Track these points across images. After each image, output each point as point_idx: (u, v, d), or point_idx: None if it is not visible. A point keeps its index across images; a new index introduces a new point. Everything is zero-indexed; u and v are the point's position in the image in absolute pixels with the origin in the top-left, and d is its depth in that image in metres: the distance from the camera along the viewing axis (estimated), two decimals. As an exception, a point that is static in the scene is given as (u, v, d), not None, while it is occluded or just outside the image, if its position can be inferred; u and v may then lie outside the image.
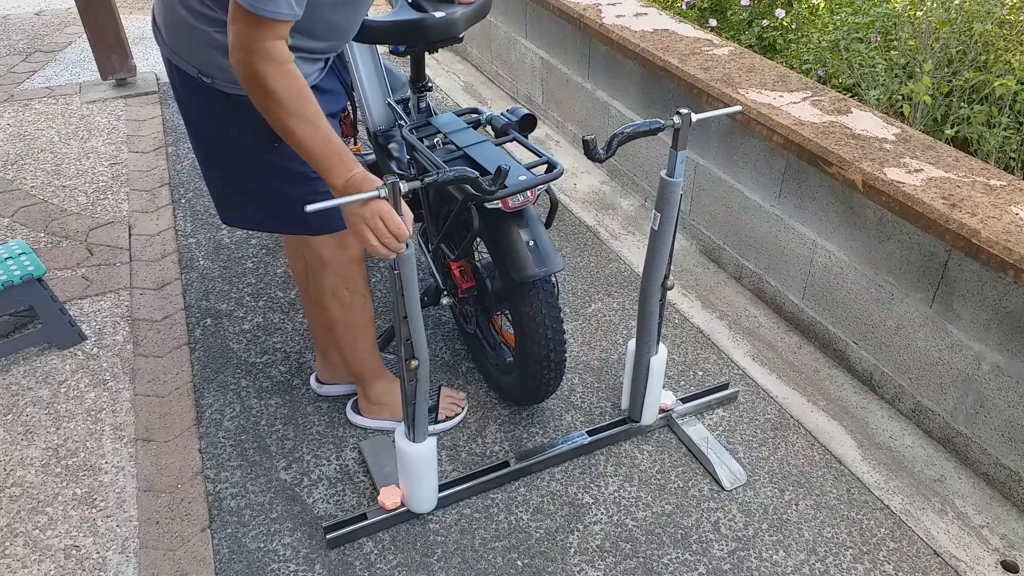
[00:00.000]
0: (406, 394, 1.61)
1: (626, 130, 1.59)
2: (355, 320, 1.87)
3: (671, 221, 1.70)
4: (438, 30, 1.90)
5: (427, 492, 1.78)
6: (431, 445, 1.71)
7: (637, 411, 2.00)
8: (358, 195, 1.32)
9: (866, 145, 2.10)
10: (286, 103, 1.32)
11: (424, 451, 1.70)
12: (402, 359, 1.56)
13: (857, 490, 1.92)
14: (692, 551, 1.77)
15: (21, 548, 1.76)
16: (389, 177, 1.34)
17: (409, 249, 1.42)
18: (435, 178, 1.42)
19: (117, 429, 2.06)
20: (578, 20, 3.10)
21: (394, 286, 1.47)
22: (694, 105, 2.57)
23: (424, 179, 1.40)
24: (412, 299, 1.48)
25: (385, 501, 1.79)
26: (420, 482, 1.75)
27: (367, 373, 1.99)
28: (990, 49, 2.63)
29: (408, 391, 1.60)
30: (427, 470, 1.74)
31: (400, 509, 1.80)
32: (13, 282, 2.18)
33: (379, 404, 2.03)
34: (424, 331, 1.55)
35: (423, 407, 1.64)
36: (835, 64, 2.92)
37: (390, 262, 1.44)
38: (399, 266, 1.43)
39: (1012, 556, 1.76)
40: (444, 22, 1.89)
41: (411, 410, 1.63)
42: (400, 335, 1.53)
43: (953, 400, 1.96)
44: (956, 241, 1.79)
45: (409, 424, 1.66)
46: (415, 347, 1.55)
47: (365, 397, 2.03)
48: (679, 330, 2.43)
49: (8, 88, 4.01)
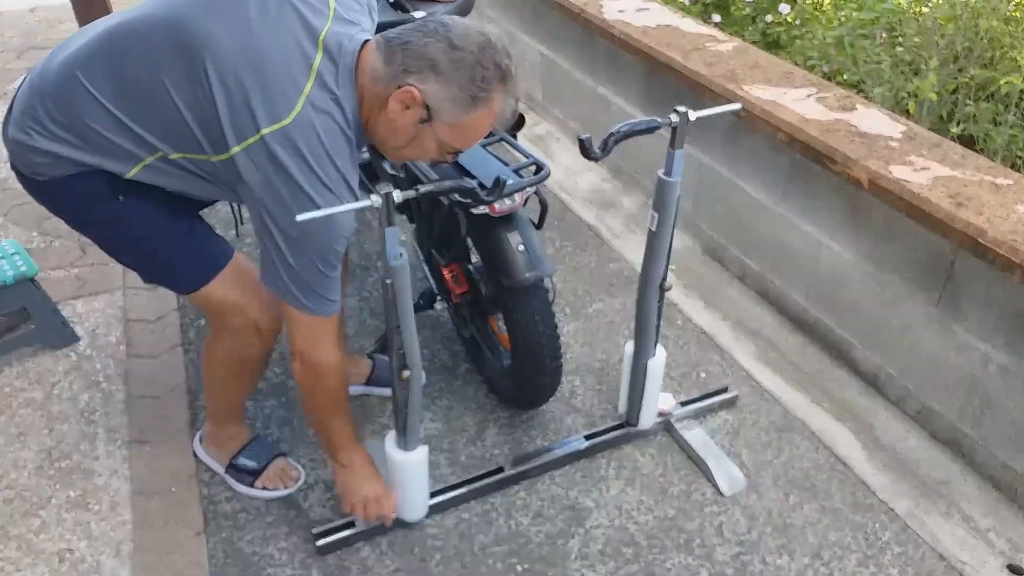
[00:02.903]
0: (397, 402, 1.58)
1: (623, 129, 1.56)
2: (237, 385, 1.80)
3: (669, 221, 1.67)
4: None
5: (418, 500, 1.76)
6: (422, 454, 1.68)
7: (635, 415, 1.97)
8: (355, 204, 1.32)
9: (872, 143, 2.07)
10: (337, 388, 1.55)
11: (415, 459, 1.67)
12: (393, 369, 1.54)
13: (862, 493, 1.89)
14: (695, 555, 1.75)
15: (14, 551, 1.74)
16: (383, 187, 1.31)
17: (402, 259, 1.40)
18: (431, 188, 1.39)
19: (111, 431, 2.04)
20: (579, 15, 3.07)
21: (386, 297, 1.44)
22: (697, 102, 2.53)
23: (419, 189, 1.37)
24: (405, 309, 1.45)
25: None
26: (411, 490, 1.73)
27: (219, 413, 1.88)
28: (996, 46, 2.61)
29: (400, 400, 1.58)
30: (418, 478, 1.71)
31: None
32: (5, 282, 2.15)
33: (215, 444, 1.91)
34: (417, 341, 1.52)
35: (415, 416, 1.61)
36: (840, 61, 2.89)
37: (382, 272, 1.43)
38: (392, 276, 1.41)
39: (1018, 559, 1.74)
40: None
41: (402, 419, 1.61)
42: (392, 345, 1.51)
43: (959, 401, 1.93)
44: (963, 240, 1.76)
45: (400, 432, 1.64)
46: (407, 357, 1.52)
47: (209, 429, 1.93)
48: (682, 331, 2.40)
49: (2, 85, 3.98)
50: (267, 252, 1.38)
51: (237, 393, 1.85)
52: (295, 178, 1.29)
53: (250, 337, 1.63)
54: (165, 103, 1.32)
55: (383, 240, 1.37)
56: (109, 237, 1.58)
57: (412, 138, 1.35)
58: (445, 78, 1.27)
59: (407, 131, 1.34)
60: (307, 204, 1.29)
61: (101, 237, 1.58)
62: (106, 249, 1.61)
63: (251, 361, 1.72)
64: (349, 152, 1.36)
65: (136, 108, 1.35)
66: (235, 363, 1.71)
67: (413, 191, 1.36)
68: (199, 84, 1.29)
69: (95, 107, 1.35)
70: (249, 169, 1.30)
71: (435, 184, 1.41)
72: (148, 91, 1.33)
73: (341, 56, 1.32)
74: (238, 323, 1.60)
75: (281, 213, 1.31)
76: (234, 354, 1.68)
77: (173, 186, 1.46)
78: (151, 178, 1.43)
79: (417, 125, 1.32)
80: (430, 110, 1.29)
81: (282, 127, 1.27)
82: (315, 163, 1.30)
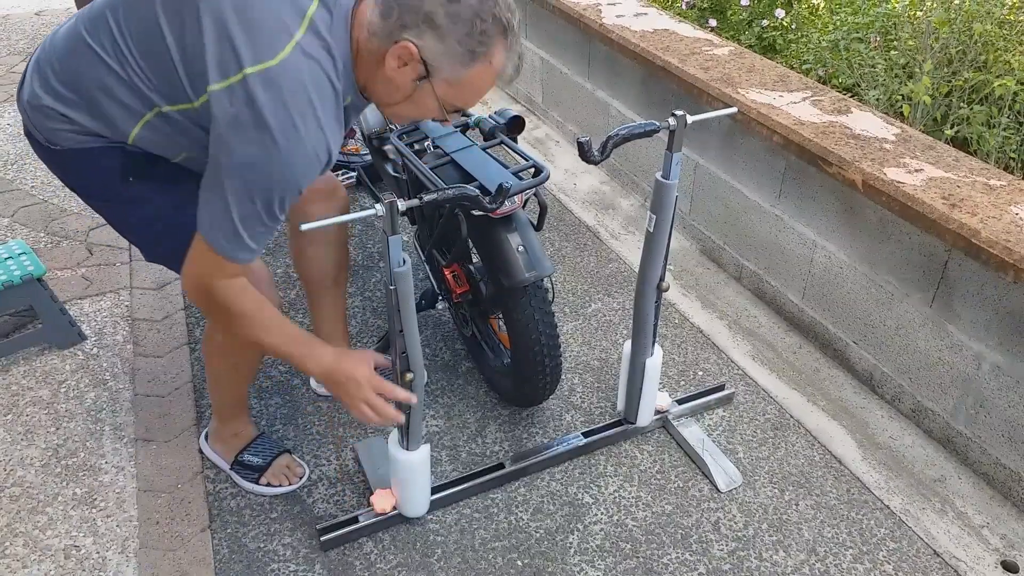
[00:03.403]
0: (400, 404, 1.60)
1: (621, 132, 1.59)
2: (237, 377, 1.82)
3: (666, 223, 1.69)
4: None
5: (420, 497, 1.78)
6: (424, 452, 1.71)
7: (633, 413, 2.00)
8: (358, 213, 1.33)
9: (866, 145, 2.10)
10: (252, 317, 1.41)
11: (417, 458, 1.70)
12: (397, 372, 1.56)
13: (857, 490, 1.92)
14: (692, 551, 1.77)
15: (21, 548, 1.76)
16: (387, 196, 1.32)
17: (405, 265, 1.41)
18: (435, 196, 1.40)
19: (117, 429, 2.06)
20: (578, 20, 3.10)
21: (389, 301, 1.46)
22: (694, 105, 2.57)
23: (423, 197, 1.38)
24: (408, 314, 1.47)
25: (378, 505, 1.79)
26: (413, 488, 1.75)
27: (224, 409, 1.90)
28: (990, 49, 2.63)
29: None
30: (420, 476, 1.74)
31: (392, 513, 1.80)
32: (13, 282, 2.17)
33: (220, 441, 1.93)
34: (420, 344, 1.54)
35: (418, 416, 1.63)
36: (835, 64, 2.92)
37: (386, 278, 1.44)
38: (396, 282, 1.42)
39: (1012, 556, 1.76)
40: None
41: (405, 419, 1.62)
42: (395, 348, 1.52)
43: (953, 400, 1.96)
44: (956, 241, 1.79)
45: (403, 432, 1.66)
46: (411, 360, 1.54)
47: (214, 427, 1.95)
48: (679, 330, 2.43)
49: (8, 88, 4.01)
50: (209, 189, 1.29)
51: (238, 384, 1.86)
52: (268, 123, 1.21)
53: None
54: (157, 42, 1.29)
55: (387, 248, 1.38)
56: (117, 214, 1.58)
57: (410, 96, 1.29)
58: (442, 32, 1.21)
59: (405, 89, 1.28)
60: (273, 153, 1.22)
61: (109, 213, 1.58)
62: (112, 225, 1.61)
63: (248, 346, 1.72)
64: (335, 106, 1.29)
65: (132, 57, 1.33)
66: (233, 349, 1.73)
67: (417, 200, 1.37)
68: (190, 22, 1.25)
69: (96, 63, 1.34)
70: (223, 107, 1.23)
71: (439, 192, 1.41)
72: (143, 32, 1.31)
73: (337, 6, 1.27)
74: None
75: (241, 149, 1.22)
76: (230, 346, 1.71)
77: (173, 151, 1.44)
78: (151, 141, 1.41)
79: (415, 82, 1.26)
80: (428, 66, 1.24)
81: (267, 67, 1.21)
82: (295, 112, 1.22)
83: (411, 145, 2.01)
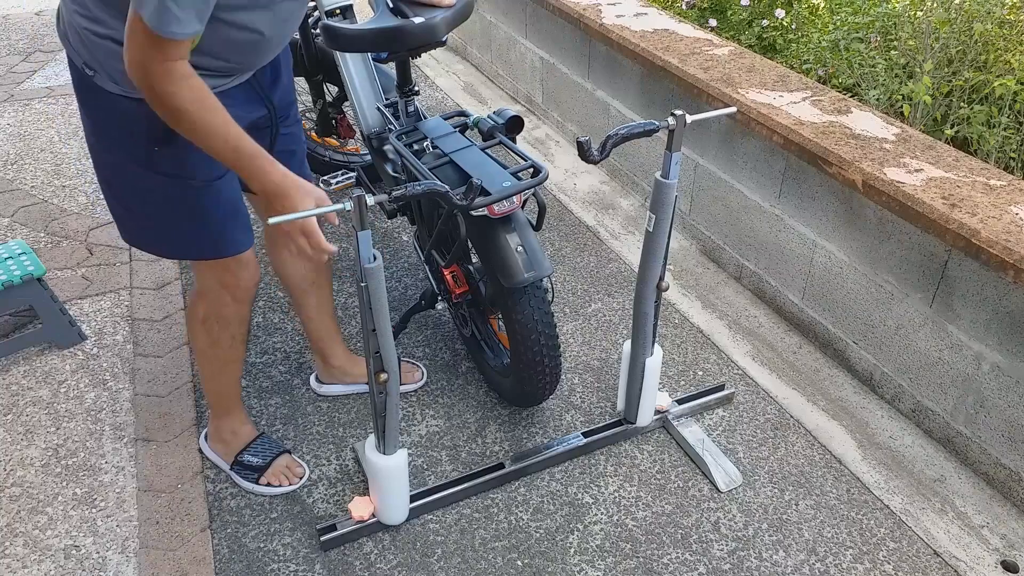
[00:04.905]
0: (375, 406, 1.60)
1: (620, 132, 1.59)
2: (221, 355, 1.81)
3: (666, 222, 1.69)
4: (418, 36, 1.82)
5: (398, 503, 1.77)
6: (401, 457, 1.70)
7: (632, 413, 2.00)
8: (328, 207, 1.32)
9: (866, 145, 2.10)
10: (193, 117, 1.32)
11: (394, 463, 1.69)
12: (370, 372, 1.54)
13: (857, 490, 1.92)
14: (692, 551, 1.77)
15: (21, 548, 1.76)
16: (355, 190, 1.32)
17: (376, 261, 1.40)
18: (402, 192, 1.38)
19: (117, 429, 2.06)
20: (578, 20, 3.10)
21: (361, 299, 1.44)
22: (694, 105, 2.57)
23: (392, 193, 1.37)
24: (380, 312, 1.46)
25: (355, 511, 1.78)
26: (390, 494, 1.74)
27: (217, 406, 1.91)
28: (990, 49, 2.63)
29: (377, 404, 1.59)
30: (397, 482, 1.72)
31: (371, 520, 1.78)
32: (13, 282, 2.18)
33: (220, 441, 1.94)
34: (394, 344, 1.53)
35: (393, 419, 1.62)
36: (835, 64, 2.92)
37: (357, 275, 1.42)
38: (366, 279, 1.41)
39: (1012, 556, 1.76)
40: (424, 28, 1.81)
41: (381, 423, 1.62)
42: (368, 348, 1.51)
43: (953, 400, 1.96)
44: (956, 241, 1.79)
45: (379, 436, 1.65)
46: (384, 360, 1.53)
47: (212, 425, 1.96)
48: (679, 330, 2.43)
49: (8, 88, 4.01)
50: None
51: (225, 367, 1.84)
52: None
53: (223, 295, 1.67)
54: None
55: (357, 243, 1.37)
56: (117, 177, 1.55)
57: None
58: None
59: None
60: None
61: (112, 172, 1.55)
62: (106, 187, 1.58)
63: (228, 323, 1.74)
64: None
65: None
66: (214, 326, 1.74)
67: (385, 195, 1.36)
68: None
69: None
70: None
71: (407, 187, 1.40)
72: None
73: None
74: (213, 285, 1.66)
75: None
76: (211, 314, 1.72)
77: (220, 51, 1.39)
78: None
79: None
80: None
81: None
82: None
83: (410, 145, 2.01)
